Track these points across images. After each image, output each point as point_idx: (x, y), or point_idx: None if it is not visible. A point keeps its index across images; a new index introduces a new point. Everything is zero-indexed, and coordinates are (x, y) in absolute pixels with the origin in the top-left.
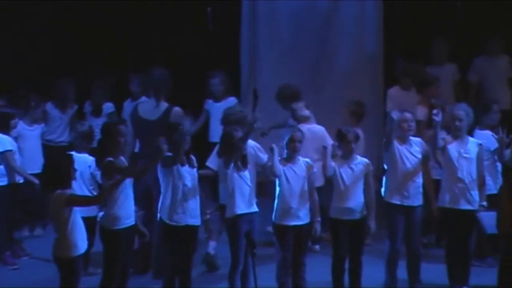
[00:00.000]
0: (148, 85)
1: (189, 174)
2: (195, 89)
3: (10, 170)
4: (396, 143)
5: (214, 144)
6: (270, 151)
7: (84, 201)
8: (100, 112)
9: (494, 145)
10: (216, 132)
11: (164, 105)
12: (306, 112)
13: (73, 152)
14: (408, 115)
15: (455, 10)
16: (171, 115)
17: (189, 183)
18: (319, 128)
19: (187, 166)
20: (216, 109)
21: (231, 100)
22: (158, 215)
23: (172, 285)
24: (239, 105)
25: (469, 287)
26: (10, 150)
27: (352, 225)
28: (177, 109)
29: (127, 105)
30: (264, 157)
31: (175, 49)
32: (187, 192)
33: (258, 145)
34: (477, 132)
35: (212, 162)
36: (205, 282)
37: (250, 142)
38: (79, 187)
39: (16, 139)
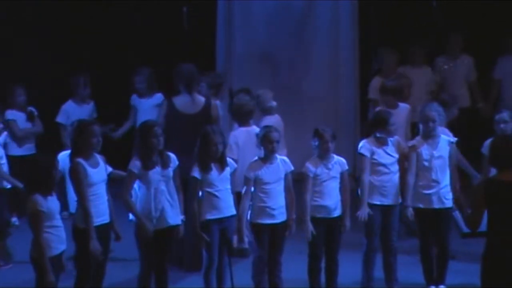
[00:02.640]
0: (179, 80)
1: (161, 176)
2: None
3: None
4: (372, 143)
5: None
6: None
7: (37, 229)
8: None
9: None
10: None
11: (201, 98)
12: (273, 103)
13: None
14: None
15: (432, 10)
16: (211, 108)
17: (162, 184)
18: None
19: (159, 167)
20: (142, 104)
21: (158, 97)
22: None
23: (148, 284)
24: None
25: (446, 286)
26: None
27: (328, 224)
28: (215, 102)
29: (135, 100)
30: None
31: (151, 48)
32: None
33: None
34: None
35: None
36: (181, 282)
37: None
38: None
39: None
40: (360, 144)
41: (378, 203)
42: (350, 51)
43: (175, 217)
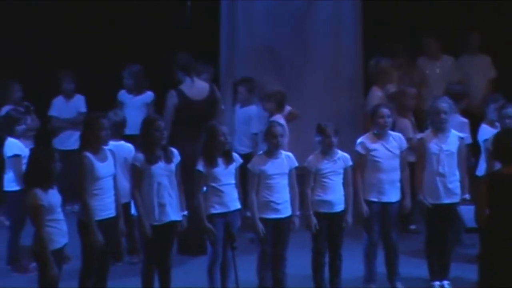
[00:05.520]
0: (176, 68)
1: (164, 171)
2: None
3: (19, 176)
4: (370, 139)
5: (130, 136)
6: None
7: (38, 223)
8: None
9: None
10: (131, 123)
11: (203, 83)
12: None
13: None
14: (384, 110)
15: (436, 9)
16: (216, 92)
17: (164, 179)
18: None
19: (162, 161)
20: (130, 100)
21: (148, 95)
22: None
23: (151, 279)
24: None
25: (450, 280)
26: (18, 155)
27: (331, 219)
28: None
29: (122, 95)
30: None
31: (152, 43)
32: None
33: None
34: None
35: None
36: (185, 276)
37: None
38: (124, 175)
39: None
40: (358, 141)
41: (375, 200)
42: (352, 46)
43: (176, 212)
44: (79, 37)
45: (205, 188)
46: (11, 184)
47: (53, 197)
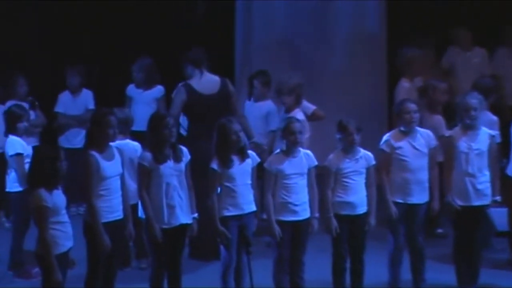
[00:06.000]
0: (186, 63)
1: (173, 170)
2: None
3: (21, 176)
4: (396, 137)
5: (138, 133)
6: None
7: (42, 225)
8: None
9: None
10: (140, 119)
11: (214, 77)
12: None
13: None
14: (410, 105)
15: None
16: (229, 86)
17: (174, 179)
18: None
19: (171, 161)
20: (139, 95)
21: (159, 89)
22: None
23: (161, 285)
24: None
25: (479, 287)
26: (20, 154)
27: (352, 221)
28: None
29: (131, 90)
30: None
31: (166, 36)
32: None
33: None
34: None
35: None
36: (197, 283)
37: None
38: (130, 176)
39: None
40: (383, 138)
41: (400, 201)
42: (376, 37)
43: (187, 215)
44: (87, 30)
45: (219, 189)
46: (13, 184)
47: (58, 198)
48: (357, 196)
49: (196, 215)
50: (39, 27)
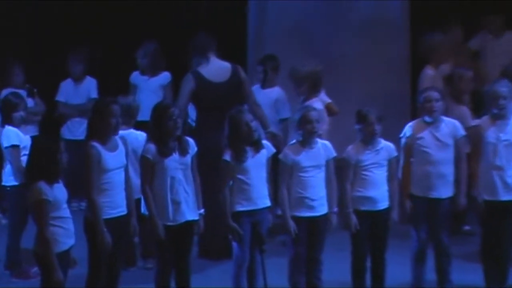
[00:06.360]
0: (193, 50)
1: (178, 164)
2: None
3: (17, 169)
4: (418, 127)
5: (144, 123)
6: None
7: (42, 221)
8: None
9: None
10: (146, 109)
11: (225, 64)
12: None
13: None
14: (433, 93)
15: None
16: (240, 73)
17: (179, 173)
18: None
19: (176, 154)
20: (144, 83)
21: (165, 76)
22: None
23: (168, 284)
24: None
25: None
26: (16, 146)
27: (373, 217)
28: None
29: (136, 77)
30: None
31: (176, 20)
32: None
33: None
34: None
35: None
36: (207, 283)
37: None
38: (134, 169)
39: None
40: (405, 128)
41: (420, 195)
42: (398, 21)
43: (193, 211)
44: (89, 14)
45: (231, 182)
46: (9, 178)
47: (59, 191)
48: (377, 190)
49: (202, 211)
50: (37, 11)
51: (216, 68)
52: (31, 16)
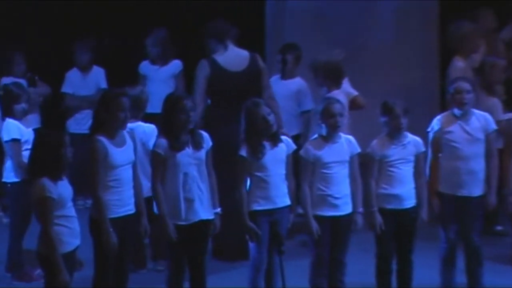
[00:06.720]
0: (209, 37)
1: (192, 159)
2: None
3: (18, 164)
4: (446, 120)
5: (154, 115)
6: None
7: (46, 220)
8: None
9: None
10: (157, 100)
11: (243, 52)
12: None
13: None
14: (463, 84)
15: None
16: (259, 62)
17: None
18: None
19: (190, 148)
20: (154, 73)
21: (176, 64)
22: None
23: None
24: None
25: None
26: (17, 140)
27: (399, 216)
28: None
29: (145, 67)
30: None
31: (188, 8)
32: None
33: None
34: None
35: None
36: (223, 286)
37: None
38: (142, 166)
39: None
40: (433, 121)
41: (450, 193)
42: (425, 7)
43: (208, 210)
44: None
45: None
46: (9, 174)
47: (64, 188)
48: (404, 187)
49: (219, 210)
50: None
51: (233, 56)
52: (36, 2)
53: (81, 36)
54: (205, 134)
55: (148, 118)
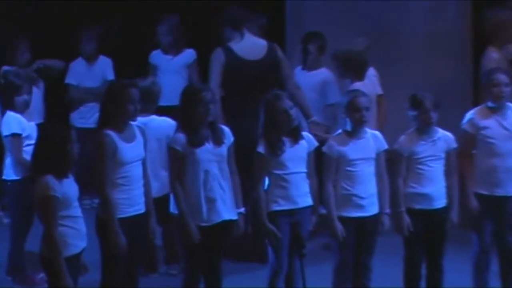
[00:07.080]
0: (224, 24)
1: (213, 155)
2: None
3: (18, 161)
4: (482, 115)
5: (168, 108)
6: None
7: (49, 220)
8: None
9: None
10: (170, 92)
11: (260, 40)
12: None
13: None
14: (500, 76)
15: None
16: (277, 51)
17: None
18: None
19: (210, 143)
20: (166, 63)
21: (189, 53)
22: None
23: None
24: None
25: None
26: (17, 135)
27: (429, 217)
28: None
29: (156, 57)
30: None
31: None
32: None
33: None
34: None
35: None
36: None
37: None
38: (152, 163)
39: None
40: (467, 116)
41: (486, 193)
42: None
43: (231, 210)
44: None
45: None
46: (9, 171)
47: (69, 187)
48: (434, 186)
49: (242, 210)
50: None
51: (249, 45)
52: None
53: (87, 23)
54: (226, 129)
55: (161, 111)
